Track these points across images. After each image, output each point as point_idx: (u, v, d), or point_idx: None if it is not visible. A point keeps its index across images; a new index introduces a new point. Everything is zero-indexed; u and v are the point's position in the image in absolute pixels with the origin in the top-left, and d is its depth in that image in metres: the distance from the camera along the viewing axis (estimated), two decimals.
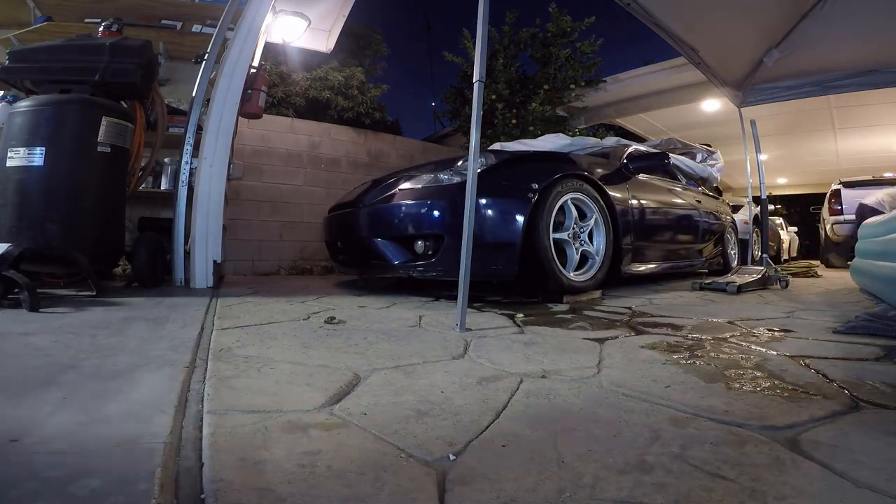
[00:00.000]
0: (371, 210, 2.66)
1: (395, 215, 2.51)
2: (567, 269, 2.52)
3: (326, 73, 5.87)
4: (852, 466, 0.67)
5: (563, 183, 2.53)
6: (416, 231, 2.41)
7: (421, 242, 2.41)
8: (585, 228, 2.66)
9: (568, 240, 2.56)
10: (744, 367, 1.19)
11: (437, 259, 2.34)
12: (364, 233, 2.66)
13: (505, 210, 2.36)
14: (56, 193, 2.16)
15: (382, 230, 2.56)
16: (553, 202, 2.45)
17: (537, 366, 1.19)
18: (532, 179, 2.44)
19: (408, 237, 2.46)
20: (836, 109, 7.11)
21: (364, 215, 2.69)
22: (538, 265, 2.37)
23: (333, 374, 1.08)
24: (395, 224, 2.50)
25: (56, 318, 1.60)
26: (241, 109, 2.94)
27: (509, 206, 2.37)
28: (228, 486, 0.60)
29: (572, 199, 2.60)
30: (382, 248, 2.53)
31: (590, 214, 2.69)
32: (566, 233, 2.56)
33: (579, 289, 2.52)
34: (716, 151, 5.03)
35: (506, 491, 0.60)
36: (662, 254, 3.48)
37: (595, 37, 6.73)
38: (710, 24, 3.76)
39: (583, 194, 2.64)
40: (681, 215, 3.73)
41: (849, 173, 8.66)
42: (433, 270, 2.36)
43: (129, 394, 0.89)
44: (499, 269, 2.34)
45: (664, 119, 7.96)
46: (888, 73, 4.02)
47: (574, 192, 2.59)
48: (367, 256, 2.73)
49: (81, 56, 2.37)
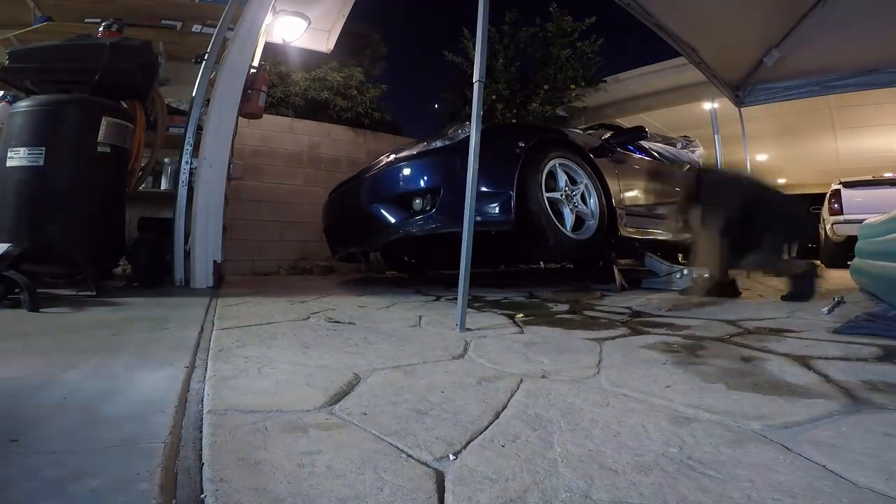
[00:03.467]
0: (369, 180, 2.77)
1: (393, 178, 2.63)
2: (565, 228, 2.62)
3: (326, 73, 5.87)
4: (852, 466, 0.67)
5: (550, 147, 2.69)
6: (414, 188, 2.54)
7: (419, 200, 2.52)
8: (577, 191, 2.78)
9: (562, 199, 2.67)
10: (744, 367, 1.19)
11: (436, 211, 2.43)
12: (364, 202, 2.76)
13: (497, 164, 2.50)
14: (56, 193, 2.16)
15: (381, 195, 2.67)
16: (541, 163, 2.59)
17: (537, 366, 1.19)
18: (519, 140, 2.62)
19: (406, 195, 2.57)
20: (836, 109, 7.11)
21: (363, 186, 2.81)
22: (535, 223, 2.48)
23: (333, 374, 1.08)
24: (393, 186, 2.62)
25: (56, 318, 1.60)
26: (241, 109, 2.94)
27: (501, 160, 2.52)
28: (228, 486, 0.60)
29: (560, 164, 2.73)
30: (381, 212, 2.63)
31: (579, 180, 2.81)
32: (558, 193, 2.68)
33: (579, 246, 2.63)
34: (695, 140, 5.08)
35: (506, 491, 0.60)
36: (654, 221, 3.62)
37: (595, 37, 6.73)
38: (710, 24, 3.77)
39: (570, 160, 2.78)
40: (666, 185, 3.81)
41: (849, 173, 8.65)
42: (433, 223, 2.45)
43: (129, 394, 0.89)
44: (495, 216, 2.44)
45: (664, 119, 7.95)
46: (888, 73, 4.02)
47: (561, 157, 2.73)
48: (367, 228, 2.80)
49: (81, 56, 2.38)
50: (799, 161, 10.40)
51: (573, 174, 2.80)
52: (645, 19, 3.55)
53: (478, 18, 1.73)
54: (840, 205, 6.61)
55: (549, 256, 2.67)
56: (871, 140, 8.41)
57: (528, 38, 6.91)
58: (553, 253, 2.66)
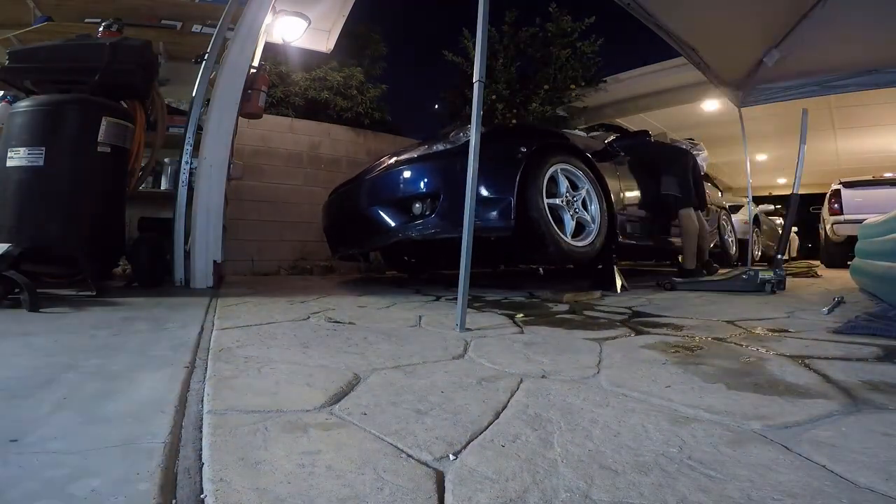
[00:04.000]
0: (369, 182, 2.76)
1: (393, 182, 2.61)
2: (565, 235, 2.60)
3: (326, 73, 5.87)
4: (852, 466, 0.67)
5: (552, 152, 2.66)
6: (414, 191, 2.52)
7: (419, 204, 2.51)
8: (578, 197, 2.76)
9: (562, 206, 2.64)
10: (743, 367, 1.19)
11: (436, 216, 2.42)
12: (363, 204, 2.74)
13: (498, 169, 2.48)
14: (56, 193, 2.16)
15: (381, 198, 2.65)
16: (543, 168, 2.56)
17: (537, 366, 1.19)
18: (520, 144, 2.59)
19: (406, 199, 2.55)
20: (836, 109, 7.11)
21: (362, 188, 2.79)
22: (535, 230, 2.45)
23: (333, 374, 1.08)
24: (393, 189, 2.60)
25: (56, 318, 1.60)
26: (241, 109, 2.94)
27: (502, 165, 2.49)
28: (228, 486, 0.60)
29: (562, 169, 2.69)
30: (381, 215, 2.62)
31: (581, 185, 2.78)
32: (559, 199, 2.65)
33: (579, 254, 2.59)
34: (699, 143, 5.08)
35: (506, 491, 0.60)
36: (655, 228, 3.64)
37: (595, 37, 6.73)
38: (711, 24, 3.76)
39: (572, 166, 2.75)
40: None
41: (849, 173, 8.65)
42: (432, 228, 2.43)
43: (129, 394, 0.89)
44: (495, 222, 2.41)
45: (664, 119, 7.96)
46: (888, 73, 4.02)
47: (563, 162, 2.70)
48: (366, 230, 2.79)
49: (81, 56, 2.37)
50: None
51: (575, 179, 2.77)
52: (645, 19, 3.54)
53: (478, 18, 1.73)
54: (840, 205, 6.61)
55: (548, 262, 2.66)
56: (871, 140, 8.42)
57: (528, 38, 6.91)
58: (552, 259, 2.64)
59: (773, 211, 9.16)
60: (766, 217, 8.41)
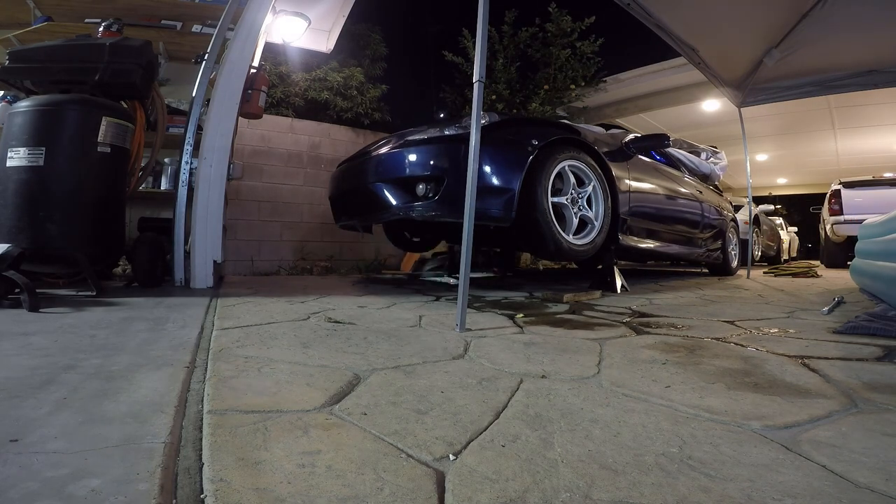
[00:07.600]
0: (377, 158, 2.74)
1: (399, 160, 2.59)
2: (566, 233, 2.58)
3: (326, 73, 5.86)
4: (852, 466, 0.67)
5: (562, 148, 2.62)
6: (419, 172, 2.50)
7: (423, 185, 2.48)
8: (584, 194, 2.73)
9: (567, 203, 2.63)
10: (743, 367, 1.19)
11: (438, 199, 2.40)
12: (368, 178, 2.73)
13: (505, 159, 2.45)
14: (56, 193, 2.16)
15: (386, 174, 2.63)
16: (551, 164, 2.53)
17: (537, 366, 1.19)
18: (533, 137, 2.55)
19: (410, 179, 2.53)
20: (836, 109, 7.11)
21: (370, 163, 2.77)
22: (537, 228, 2.44)
23: (333, 375, 1.08)
24: (399, 168, 2.57)
25: (56, 319, 1.60)
26: (241, 109, 2.94)
27: (510, 155, 2.46)
28: (228, 486, 0.60)
29: (570, 165, 2.67)
30: (384, 191, 2.60)
31: (588, 182, 2.76)
32: (564, 197, 2.63)
33: (579, 252, 2.58)
34: (720, 151, 5.05)
35: (506, 491, 0.60)
36: (659, 233, 3.57)
37: (595, 37, 6.73)
38: (710, 24, 3.76)
39: (581, 162, 2.72)
40: (680, 199, 3.81)
41: (849, 173, 8.67)
42: (433, 210, 2.42)
43: (129, 394, 0.89)
44: (496, 211, 2.40)
45: (664, 119, 7.97)
46: (888, 73, 4.02)
47: (572, 158, 2.66)
48: (369, 205, 2.79)
49: (81, 56, 2.37)
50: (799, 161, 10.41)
51: (582, 175, 2.75)
52: (645, 19, 3.55)
53: (478, 18, 1.73)
54: (840, 205, 6.62)
55: (546, 258, 2.66)
56: (871, 140, 8.42)
57: (528, 38, 6.90)
58: (551, 256, 2.63)
59: (772, 211, 9.17)
60: (766, 217, 8.42)
